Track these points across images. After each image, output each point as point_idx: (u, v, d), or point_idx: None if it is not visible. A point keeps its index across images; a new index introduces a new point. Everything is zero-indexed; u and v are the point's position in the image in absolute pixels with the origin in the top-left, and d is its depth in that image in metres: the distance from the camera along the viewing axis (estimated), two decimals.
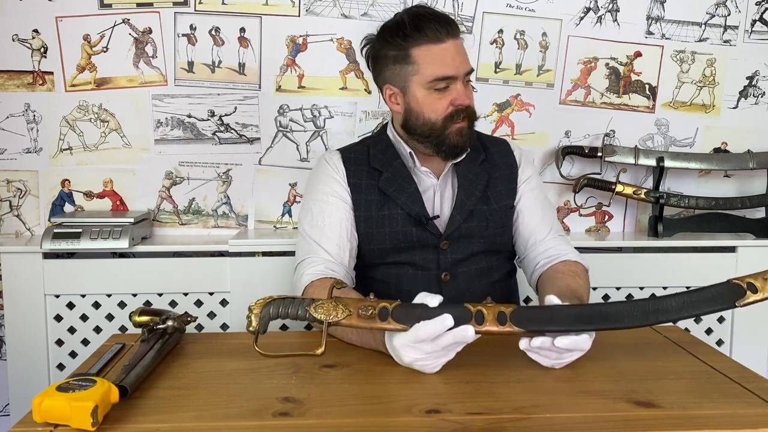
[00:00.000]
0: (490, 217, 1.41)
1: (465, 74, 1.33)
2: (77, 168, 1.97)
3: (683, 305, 1.00)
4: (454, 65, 1.30)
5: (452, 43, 1.31)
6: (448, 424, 0.84)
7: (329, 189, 1.40)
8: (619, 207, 2.14)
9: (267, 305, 0.99)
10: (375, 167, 1.41)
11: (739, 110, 2.12)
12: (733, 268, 2.00)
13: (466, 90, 1.34)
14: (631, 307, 1.00)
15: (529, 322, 0.99)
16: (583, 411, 0.89)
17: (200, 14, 1.93)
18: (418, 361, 0.99)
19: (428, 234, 1.37)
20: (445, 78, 1.30)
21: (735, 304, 1.00)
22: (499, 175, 1.45)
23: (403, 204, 1.37)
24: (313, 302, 0.99)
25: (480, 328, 0.97)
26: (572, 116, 2.07)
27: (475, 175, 1.42)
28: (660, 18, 2.05)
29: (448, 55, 1.30)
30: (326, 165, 1.43)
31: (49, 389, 0.83)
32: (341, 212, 1.38)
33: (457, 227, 1.37)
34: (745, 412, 0.89)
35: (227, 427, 0.84)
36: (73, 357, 1.87)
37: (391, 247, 1.39)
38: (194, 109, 1.97)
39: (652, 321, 1.00)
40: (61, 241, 1.78)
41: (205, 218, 2.03)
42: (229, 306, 1.88)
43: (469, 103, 1.34)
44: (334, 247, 1.34)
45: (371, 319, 0.98)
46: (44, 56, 1.91)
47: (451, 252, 1.39)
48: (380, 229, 1.38)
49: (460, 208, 1.38)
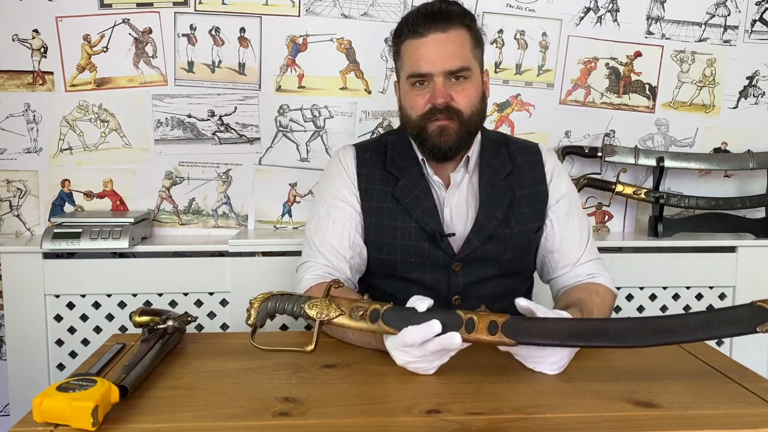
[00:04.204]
0: (509, 242, 1.30)
1: (446, 72, 1.22)
2: (77, 168, 1.97)
3: (698, 327, 0.94)
4: (429, 61, 1.22)
5: (433, 38, 1.22)
6: (448, 424, 0.84)
7: (337, 192, 1.34)
8: (619, 207, 2.14)
9: (266, 300, 1.00)
10: (391, 172, 1.33)
11: (739, 110, 2.12)
12: (733, 268, 2.00)
13: (452, 88, 1.23)
14: (637, 325, 0.96)
15: (520, 333, 0.96)
16: (583, 411, 0.89)
17: (200, 14, 1.93)
18: (410, 363, 0.99)
19: (441, 253, 1.29)
20: (418, 75, 1.23)
21: (756, 329, 0.92)
22: (525, 195, 1.33)
23: (419, 218, 1.29)
24: (309, 300, 1.00)
25: (469, 337, 0.96)
26: (572, 116, 2.07)
27: (498, 193, 1.31)
28: (660, 18, 2.05)
29: (426, 51, 1.22)
30: (338, 164, 1.37)
31: (49, 389, 0.82)
32: (347, 218, 1.32)
33: (472, 250, 1.29)
34: (745, 412, 0.89)
35: (227, 427, 0.84)
36: (73, 357, 1.87)
37: (400, 260, 1.31)
38: (194, 109, 1.97)
39: (658, 341, 0.95)
40: (61, 241, 1.78)
41: (205, 218, 2.03)
42: (229, 306, 1.88)
43: (446, 102, 1.23)
44: (333, 257, 1.29)
45: (362, 320, 0.98)
46: (44, 56, 1.91)
47: (464, 275, 1.30)
48: (391, 240, 1.31)
49: (479, 231, 1.28)
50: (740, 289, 2.01)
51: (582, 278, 1.33)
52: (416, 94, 1.26)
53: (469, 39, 1.26)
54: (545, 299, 1.70)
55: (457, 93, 1.24)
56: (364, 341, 1.13)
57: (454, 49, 1.23)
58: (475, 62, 1.27)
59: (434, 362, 0.99)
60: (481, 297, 1.31)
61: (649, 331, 0.95)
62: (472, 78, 1.26)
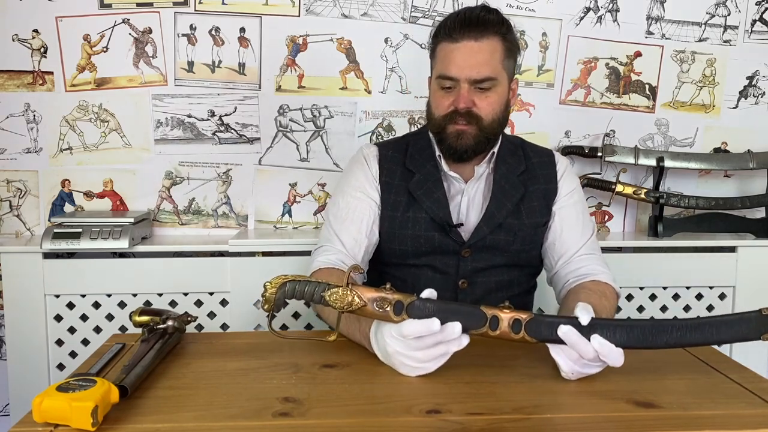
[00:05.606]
0: (518, 232, 1.37)
1: (471, 80, 1.27)
2: (77, 168, 1.97)
3: (706, 330, 0.96)
4: (458, 67, 1.27)
5: (466, 45, 1.27)
6: (448, 424, 0.84)
7: (359, 185, 1.40)
8: (619, 207, 2.14)
9: (283, 284, 0.98)
10: (409, 168, 1.39)
11: (739, 110, 2.12)
12: (733, 268, 2.00)
13: (476, 95, 1.29)
14: (655, 328, 0.97)
15: (542, 332, 0.97)
16: (583, 411, 0.89)
17: (200, 14, 1.93)
18: (399, 354, 0.98)
19: (450, 241, 1.35)
20: (447, 77, 1.28)
21: (761, 336, 0.96)
22: (536, 190, 1.40)
23: (428, 208, 1.35)
24: (329, 287, 0.98)
25: (494, 334, 0.96)
26: (572, 116, 2.07)
27: (511, 187, 1.38)
28: (660, 18, 2.05)
29: (458, 56, 1.27)
30: (362, 160, 1.43)
31: (49, 389, 0.82)
32: (366, 209, 1.38)
33: (481, 237, 1.35)
34: (745, 412, 0.89)
35: (227, 427, 0.84)
36: (73, 357, 1.87)
37: (411, 249, 1.37)
38: (194, 109, 1.97)
39: (670, 344, 0.97)
40: (61, 241, 1.78)
41: (205, 218, 2.03)
42: (229, 306, 1.88)
43: (468, 108, 1.28)
44: (351, 241, 1.35)
45: (384, 312, 0.97)
46: (44, 56, 1.91)
47: (472, 260, 1.36)
48: (403, 230, 1.37)
49: (489, 219, 1.35)
50: (740, 289, 2.01)
51: (584, 275, 1.34)
52: (442, 95, 1.31)
53: (501, 49, 1.29)
54: (547, 302, 1.70)
55: (481, 100, 1.29)
56: (348, 331, 1.12)
57: (483, 58, 1.27)
58: (503, 72, 1.31)
59: (425, 363, 0.98)
60: (487, 283, 1.39)
61: (661, 332, 0.96)
62: (497, 87, 1.30)
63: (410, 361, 0.98)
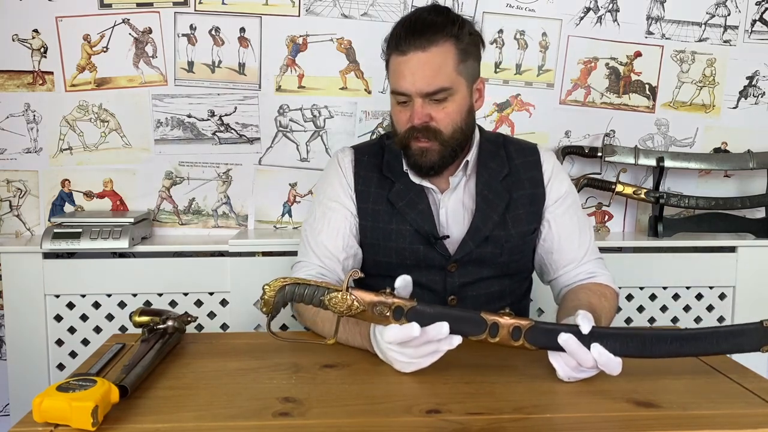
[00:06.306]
0: (505, 244, 1.30)
1: (423, 93, 1.19)
2: (77, 168, 1.97)
3: (706, 341, 0.98)
4: (408, 82, 1.19)
5: (414, 56, 1.19)
6: (448, 424, 0.84)
7: (334, 194, 1.35)
8: (619, 207, 2.14)
9: (282, 287, 0.97)
10: (387, 176, 1.33)
11: (739, 110, 2.12)
12: (733, 268, 2.00)
13: (432, 108, 1.21)
14: (654, 338, 0.98)
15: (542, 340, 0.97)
16: (583, 411, 0.89)
17: (200, 14, 1.93)
18: (391, 351, 0.99)
19: (436, 254, 1.30)
20: (399, 93, 1.22)
21: (760, 349, 0.98)
22: (522, 196, 1.32)
23: (413, 221, 1.29)
24: (329, 291, 0.98)
25: (493, 341, 0.97)
26: (572, 116, 2.07)
27: (495, 195, 1.30)
28: (660, 18, 2.05)
29: (406, 69, 1.20)
30: (336, 166, 1.37)
31: (49, 389, 0.82)
32: (341, 219, 1.33)
33: (467, 252, 1.29)
34: (745, 412, 0.89)
35: (227, 427, 0.84)
36: (73, 357, 1.87)
37: (396, 262, 1.31)
38: (194, 109, 1.97)
39: (669, 354, 0.99)
40: (61, 241, 1.78)
41: (205, 218, 2.03)
42: (229, 306, 1.88)
43: (425, 123, 1.21)
44: (326, 259, 1.31)
45: (384, 318, 0.97)
46: (44, 56, 1.91)
47: (459, 275, 1.31)
48: (387, 243, 1.32)
49: (475, 233, 1.29)
50: (740, 289, 2.01)
51: (583, 278, 1.33)
52: (400, 110, 1.25)
53: (453, 54, 1.21)
54: (546, 300, 1.70)
55: (437, 112, 1.22)
56: (348, 337, 1.12)
57: (432, 70, 1.19)
58: (459, 79, 1.22)
59: (417, 359, 0.99)
60: (477, 297, 1.33)
61: (660, 342, 0.98)
62: (455, 96, 1.22)
63: (402, 357, 0.99)
